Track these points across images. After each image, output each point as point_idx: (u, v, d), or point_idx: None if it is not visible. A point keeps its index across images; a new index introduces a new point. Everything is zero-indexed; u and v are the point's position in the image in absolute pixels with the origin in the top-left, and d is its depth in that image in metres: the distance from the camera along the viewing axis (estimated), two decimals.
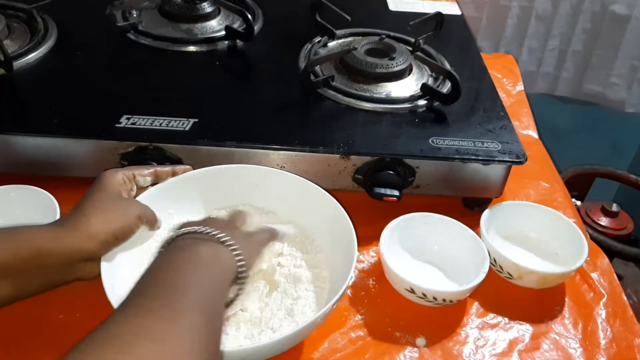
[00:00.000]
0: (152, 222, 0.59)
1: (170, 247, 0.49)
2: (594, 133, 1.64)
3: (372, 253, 0.71)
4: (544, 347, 0.62)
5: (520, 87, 1.04)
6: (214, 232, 0.49)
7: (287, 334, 0.51)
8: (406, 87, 0.82)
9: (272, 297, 0.60)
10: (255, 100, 0.77)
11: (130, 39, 0.87)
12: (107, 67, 0.82)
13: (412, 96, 0.80)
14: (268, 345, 0.51)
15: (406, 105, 0.78)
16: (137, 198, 0.62)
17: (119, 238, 0.55)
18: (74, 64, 0.81)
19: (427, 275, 0.68)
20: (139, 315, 0.40)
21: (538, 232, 0.73)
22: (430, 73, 0.85)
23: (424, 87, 0.80)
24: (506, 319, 0.65)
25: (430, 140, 0.72)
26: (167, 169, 0.65)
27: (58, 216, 0.64)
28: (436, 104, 0.79)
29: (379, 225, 0.67)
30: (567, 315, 0.66)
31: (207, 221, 0.53)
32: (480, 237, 0.68)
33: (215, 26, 0.91)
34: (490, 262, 0.66)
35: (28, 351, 0.57)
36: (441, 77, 0.83)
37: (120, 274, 0.58)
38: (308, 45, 0.88)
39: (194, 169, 0.67)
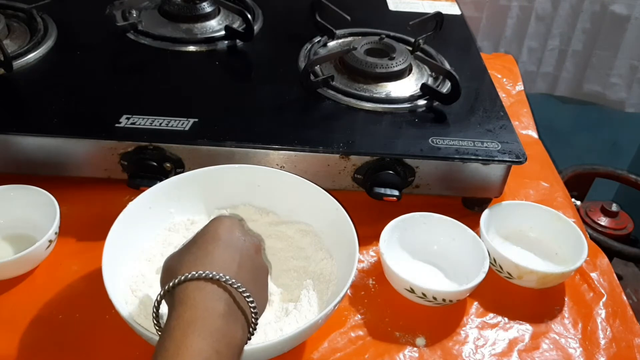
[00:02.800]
0: None
1: (187, 292, 0.44)
2: (593, 133, 1.63)
3: (371, 253, 0.71)
4: (543, 347, 0.62)
5: (520, 87, 1.04)
6: (226, 279, 0.45)
7: (289, 335, 0.51)
8: (406, 87, 0.82)
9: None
10: (255, 100, 0.77)
11: (130, 39, 0.87)
12: (106, 67, 0.82)
13: (411, 96, 0.80)
14: (269, 346, 0.51)
15: (406, 105, 0.78)
16: (138, 197, 0.62)
17: None
18: (74, 64, 0.81)
19: (427, 275, 0.68)
20: None
21: (538, 232, 0.73)
22: (430, 73, 0.85)
23: (424, 87, 0.80)
24: (506, 319, 0.65)
25: (430, 140, 0.72)
26: None
27: (58, 216, 0.64)
28: (436, 103, 0.79)
29: (378, 225, 0.67)
30: (566, 315, 0.66)
31: (204, 249, 0.48)
32: (480, 237, 0.68)
33: (215, 26, 0.91)
34: (490, 262, 0.66)
35: (27, 351, 0.57)
36: (441, 77, 0.83)
37: (121, 274, 0.58)
38: (308, 45, 0.88)
39: (193, 169, 0.67)
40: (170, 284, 0.45)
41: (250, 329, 0.47)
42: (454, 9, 1.07)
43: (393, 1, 1.08)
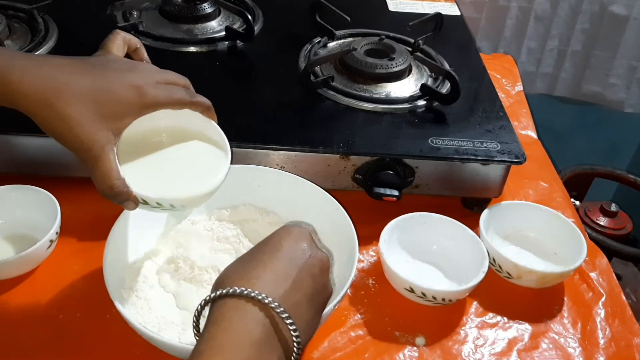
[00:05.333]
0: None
1: (223, 312, 0.41)
2: (592, 133, 1.64)
3: (371, 253, 0.71)
4: (543, 347, 0.63)
5: (519, 87, 1.05)
6: (268, 301, 0.40)
7: None
8: (406, 88, 0.82)
9: None
10: (255, 100, 0.78)
11: None
12: None
13: (411, 96, 0.80)
14: None
15: (406, 105, 0.78)
16: None
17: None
18: None
19: (427, 275, 0.68)
20: None
21: (537, 232, 0.73)
22: (429, 73, 0.86)
23: (424, 87, 0.80)
24: (505, 319, 0.65)
25: (429, 140, 0.72)
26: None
27: (59, 216, 0.64)
28: (435, 104, 0.79)
29: (378, 225, 0.68)
30: (566, 315, 0.66)
31: (256, 257, 0.44)
32: (479, 236, 0.68)
33: (215, 27, 0.92)
34: (490, 262, 0.66)
35: (28, 351, 0.57)
36: (440, 78, 0.83)
37: (121, 274, 0.59)
38: (308, 46, 0.89)
39: None
40: (212, 295, 0.42)
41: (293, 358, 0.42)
42: (453, 10, 1.08)
43: (393, 2, 1.08)
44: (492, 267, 0.68)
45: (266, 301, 0.40)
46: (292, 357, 0.42)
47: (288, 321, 0.41)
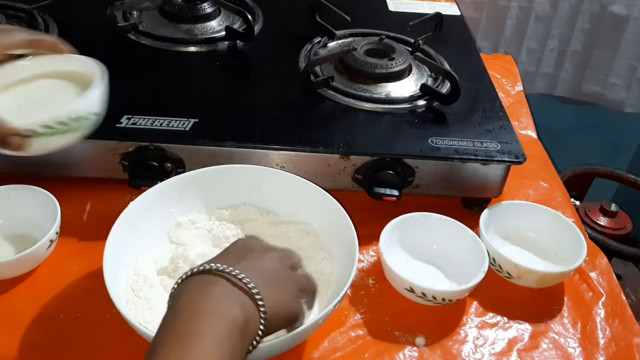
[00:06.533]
0: None
1: (182, 287, 0.46)
2: (592, 133, 1.64)
3: (371, 252, 0.71)
4: (543, 347, 0.63)
5: (519, 87, 1.05)
6: (235, 272, 0.45)
7: (289, 335, 0.51)
8: (406, 88, 0.82)
9: None
10: (255, 100, 0.78)
11: (131, 40, 0.87)
12: (107, 68, 0.82)
13: (411, 96, 0.80)
14: (269, 346, 0.51)
15: (406, 105, 0.78)
16: (139, 197, 0.62)
17: None
18: None
19: (427, 275, 0.68)
20: None
21: (537, 232, 0.73)
22: (429, 73, 0.86)
23: (424, 87, 0.80)
24: (505, 319, 0.65)
25: (429, 140, 0.72)
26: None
27: (59, 216, 0.64)
28: (435, 104, 0.79)
29: (378, 225, 0.68)
30: (566, 315, 0.66)
31: (237, 251, 0.50)
32: (479, 236, 0.68)
33: (215, 27, 0.92)
34: (490, 262, 0.66)
35: (28, 351, 0.57)
36: (440, 78, 0.84)
37: (122, 273, 0.59)
38: (308, 46, 0.89)
39: (194, 169, 0.67)
40: (183, 276, 0.46)
41: (261, 316, 0.45)
42: (453, 10, 1.08)
43: (393, 2, 1.08)
44: (492, 267, 0.68)
45: (215, 267, 0.45)
46: (259, 310, 0.45)
47: (240, 276, 0.45)
